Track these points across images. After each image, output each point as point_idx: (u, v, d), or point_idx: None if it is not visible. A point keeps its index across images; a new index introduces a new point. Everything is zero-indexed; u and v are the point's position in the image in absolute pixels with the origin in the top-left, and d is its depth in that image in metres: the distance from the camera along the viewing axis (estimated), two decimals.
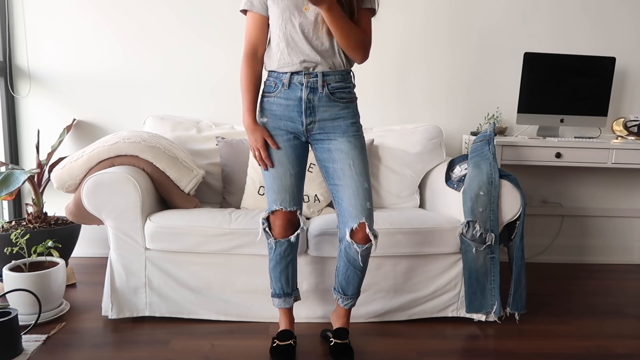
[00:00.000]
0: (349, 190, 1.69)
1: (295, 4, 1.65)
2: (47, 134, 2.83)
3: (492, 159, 2.15)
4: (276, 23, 1.68)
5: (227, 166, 2.47)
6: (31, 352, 1.80)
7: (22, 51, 2.76)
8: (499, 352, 1.92)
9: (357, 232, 1.70)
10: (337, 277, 1.84)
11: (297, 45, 1.67)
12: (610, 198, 3.07)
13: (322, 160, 1.77)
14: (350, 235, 1.70)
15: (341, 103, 1.73)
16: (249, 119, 1.73)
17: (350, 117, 1.74)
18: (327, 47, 1.68)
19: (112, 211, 1.99)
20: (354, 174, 1.70)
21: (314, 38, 1.66)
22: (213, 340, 1.94)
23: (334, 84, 1.71)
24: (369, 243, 1.71)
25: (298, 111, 1.71)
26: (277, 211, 1.75)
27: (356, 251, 1.71)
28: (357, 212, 1.68)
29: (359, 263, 1.75)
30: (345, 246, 1.74)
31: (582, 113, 2.77)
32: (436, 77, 2.91)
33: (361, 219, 1.68)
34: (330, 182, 1.76)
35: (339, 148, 1.71)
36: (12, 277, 1.97)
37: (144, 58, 2.80)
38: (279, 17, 1.66)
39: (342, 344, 1.80)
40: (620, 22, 2.89)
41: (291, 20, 1.65)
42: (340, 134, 1.72)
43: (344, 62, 1.72)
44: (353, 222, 1.69)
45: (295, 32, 1.66)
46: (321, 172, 1.81)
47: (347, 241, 1.72)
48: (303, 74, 1.69)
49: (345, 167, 1.70)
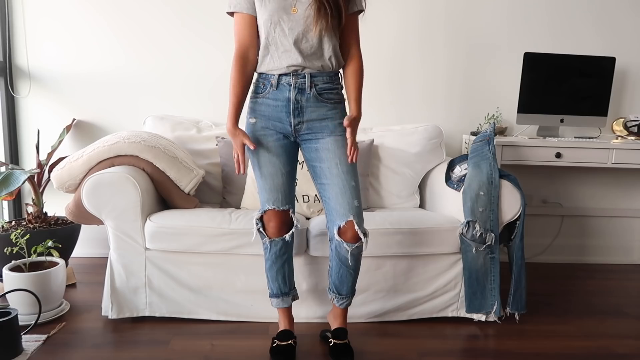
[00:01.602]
0: (335, 189, 1.70)
1: (283, 7, 1.65)
2: (47, 134, 2.83)
3: (492, 159, 2.15)
4: (264, 27, 1.68)
5: (227, 166, 2.47)
6: (31, 352, 1.80)
7: (22, 51, 2.76)
8: (499, 352, 1.92)
9: (345, 231, 1.70)
10: (331, 277, 1.85)
11: (285, 49, 1.68)
12: (610, 198, 3.07)
13: (310, 160, 1.78)
14: (338, 234, 1.71)
15: (329, 104, 1.74)
16: (229, 124, 1.73)
17: (338, 118, 1.75)
18: (315, 50, 1.69)
19: (112, 211, 1.99)
20: (341, 173, 1.70)
21: (303, 41, 1.67)
22: (213, 340, 1.94)
23: (321, 85, 1.72)
24: (359, 241, 1.72)
25: (286, 112, 1.73)
26: (270, 211, 1.75)
27: (346, 250, 1.72)
28: (345, 210, 1.69)
29: (351, 262, 1.75)
30: (336, 245, 1.75)
31: (582, 113, 2.77)
32: (436, 77, 2.91)
33: (348, 216, 1.68)
34: (317, 181, 1.77)
35: (326, 147, 1.73)
36: (12, 277, 1.97)
37: (143, 58, 2.80)
38: (267, 20, 1.67)
39: (341, 344, 1.80)
40: (620, 22, 2.89)
41: (280, 23, 1.66)
42: (327, 133, 1.74)
43: (333, 65, 1.73)
44: (340, 220, 1.69)
45: (284, 36, 1.66)
46: (309, 172, 1.82)
47: (337, 240, 1.72)
48: (291, 75, 1.70)
49: (332, 165, 1.71)
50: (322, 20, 1.63)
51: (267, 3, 1.66)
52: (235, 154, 1.74)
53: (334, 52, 1.71)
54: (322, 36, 1.67)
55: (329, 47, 1.70)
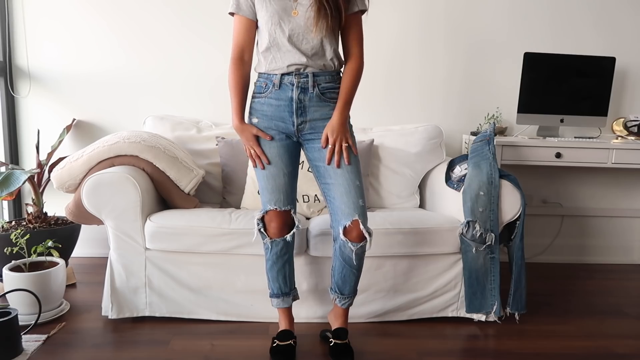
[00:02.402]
0: (340, 189, 1.70)
1: (284, 9, 1.66)
2: (47, 134, 2.83)
3: (492, 159, 2.15)
4: (265, 27, 1.69)
5: (227, 166, 2.47)
6: (31, 352, 1.80)
7: (22, 51, 2.76)
8: (499, 352, 1.92)
9: (350, 230, 1.70)
10: (334, 277, 1.84)
11: (286, 50, 1.68)
12: (610, 198, 3.07)
13: (313, 160, 1.78)
14: (344, 234, 1.70)
15: (332, 103, 1.74)
16: (236, 120, 1.75)
17: None
18: (316, 50, 1.69)
19: (112, 211, 1.99)
20: (345, 172, 1.70)
21: (304, 42, 1.68)
22: (213, 340, 1.94)
23: (324, 84, 1.73)
24: (364, 241, 1.71)
25: (289, 111, 1.73)
26: (272, 211, 1.75)
27: (351, 249, 1.71)
28: (350, 209, 1.68)
29: (355, 261, 1.75)
30: (340, 245, 1.75)
31: (582, 113, 2.77)
32: (436, 77, 2.91)
33: (354, 216, 1.68)
34: (321, 181, 1.77)
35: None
36: (12, 277, 1.97)
37: (143, 58, 2.80)
38: (267, 21, 1.67)
39: (341, 344, 1.80)
40: (620, 22, 2.89)
41: (280, 25, 1.66)
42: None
43: (335, 65, 1.74)
44: (346, 219, 1.69)
45: (284, 37, 1.67)
46: (312, 172, 1.82)
47: (342, 240, 1.72)
48: (294, 74, 1.70)
49: (334, 165, 1.71)
50: (323, 20, 1.63)
51: (267, 5, 1.67)
52: (248, 149, 1.74)
53: (335, 53, 1.72)
54: (323, 37, 1.67)
55: (330, 48, 1.70)
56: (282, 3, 1.66)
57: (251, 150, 1.75)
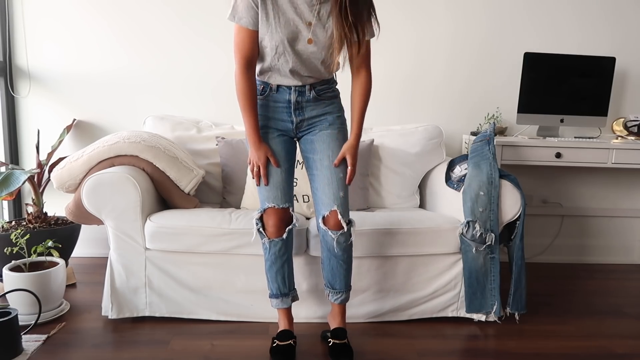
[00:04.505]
0: (323, 180, 1.75)
1: (292, 37, 1.66)
2: (47, 134, 2.83)
3: (492, 159, 2.15)
4: (268, 51, 1.69)
5: (227, 166, 2.47)
6: (31, 352, 1.80)
7: (22, 51, 2.76)
8: (499, 352, 1.92)
9: (328, 219, 1.74)
10: (324, 271, 1.88)
11: (286, 75, 1.74)
12: (610, 198, 3.07)
13: (305, 152, 1.84)
14: (323, 222, 1.75)
15: (327, 100, 1.81)
16: (254, 137, 1.75)
17: (336, 111, 1.83)
18: (316, 71, 1.75)
19: (112, 211, 1.99)
20: (331, 165, 1.76)
21: (306, 71, 1.73)
22: (213, 340, 1.94)
23: (319, 87, 1.80)
24: (342, 229, 1.74)
25: (287, 112, 1.79)
26: (270, 209, 1.76)
27: (332, 237, 1.75)
28: (330, 200, 1.73)
29: (337, 250, 1.77)
30: (322, 234, 1.79)
31: (582, 113, 2.77)
32: (436, 77, 2.91)
33: (332, 206, 1.73)
34: (309, 172, 1.83)
35: (321, 139, 1.79)
36: (12, 277, 1.97)
37: (144, 58, 2.80)
38: (271, 50, 1.69)
39: (340, 344, 1.80)
40: (620, 22, 2.89)
41: (284, 55, 1.69)
42: (326, 126, 1.80)
43: (329, 75, 1.81)
44: (325, 209, 1.74)
45: (287, 68, 1.71)
46: (304, 165, 1.87)
47: (322, 229, 1.76)
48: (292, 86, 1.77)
49: (323, 157, 1.77)
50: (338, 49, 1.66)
51: (273, 32, 1.65)
52: (254, 166, 1.76)
53: (329, 69, 1.77)
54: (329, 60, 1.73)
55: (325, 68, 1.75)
56: (291, 28, 1.66)
57: (256, 169, 1.76)
